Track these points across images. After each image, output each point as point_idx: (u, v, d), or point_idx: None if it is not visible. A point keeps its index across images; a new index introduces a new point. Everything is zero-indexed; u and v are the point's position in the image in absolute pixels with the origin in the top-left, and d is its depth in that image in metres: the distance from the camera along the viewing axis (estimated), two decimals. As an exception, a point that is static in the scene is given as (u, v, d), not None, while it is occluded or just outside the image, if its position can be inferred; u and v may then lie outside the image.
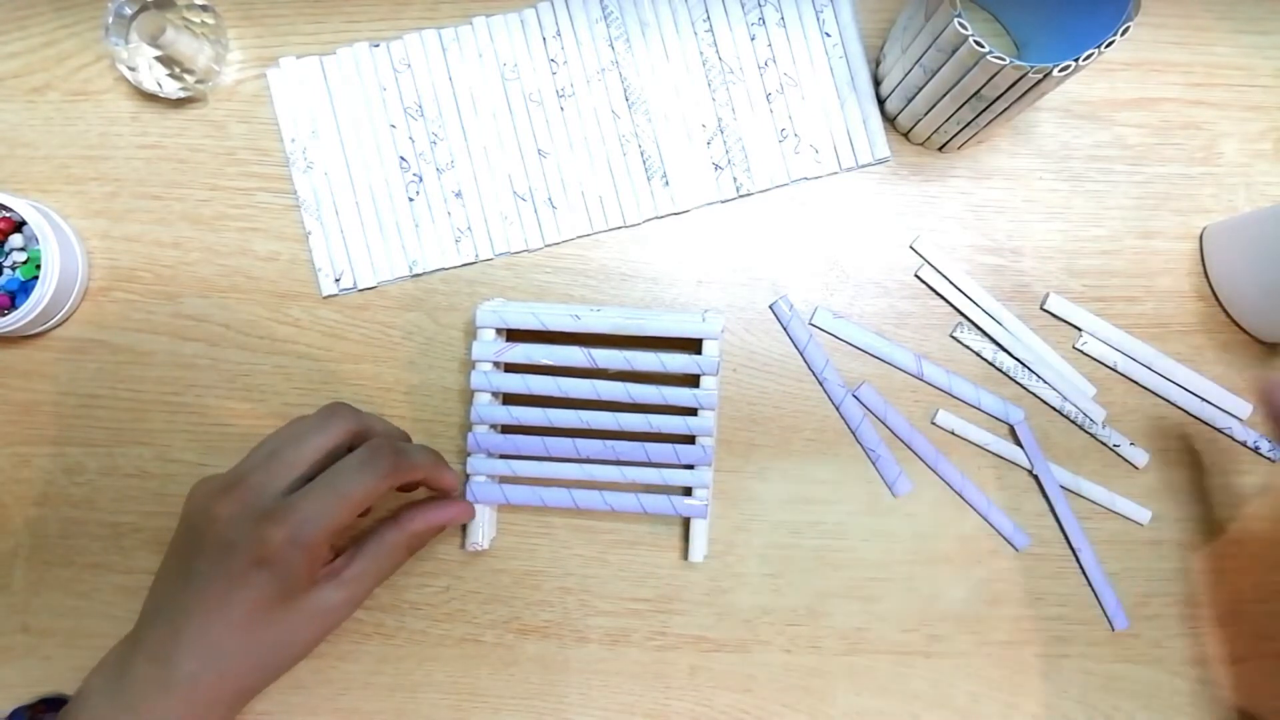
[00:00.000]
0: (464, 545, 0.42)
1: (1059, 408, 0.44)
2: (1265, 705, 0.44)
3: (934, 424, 0.44)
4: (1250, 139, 0.45)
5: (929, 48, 0.38)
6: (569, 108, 0.45)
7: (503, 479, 0.43)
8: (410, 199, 0.44)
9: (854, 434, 0.44)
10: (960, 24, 0.35)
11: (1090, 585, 0.44)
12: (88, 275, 0.44)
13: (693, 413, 0.41)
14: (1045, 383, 0.44)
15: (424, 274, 0.44)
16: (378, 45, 0.45)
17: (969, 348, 0.44)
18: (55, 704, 0.42)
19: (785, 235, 0.45)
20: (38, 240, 0.41)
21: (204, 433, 0.44)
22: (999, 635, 0.44)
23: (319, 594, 0.35)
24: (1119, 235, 0.45)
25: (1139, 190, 0.45)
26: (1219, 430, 0.45)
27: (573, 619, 0.43)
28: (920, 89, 0.40)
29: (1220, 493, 0.45)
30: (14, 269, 0.41)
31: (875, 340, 0.44)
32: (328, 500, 0.34)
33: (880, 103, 0.45)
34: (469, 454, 0.42)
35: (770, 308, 0.45)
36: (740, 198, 0.45)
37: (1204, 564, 0.44)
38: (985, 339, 0.44)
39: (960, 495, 0.44)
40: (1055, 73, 0.35)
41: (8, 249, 0.42)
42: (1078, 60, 0.34)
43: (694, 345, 0.42)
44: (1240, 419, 0.44)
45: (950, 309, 0.45)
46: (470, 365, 0.41)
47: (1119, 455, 0.44)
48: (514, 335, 0.43)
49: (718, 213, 0.45)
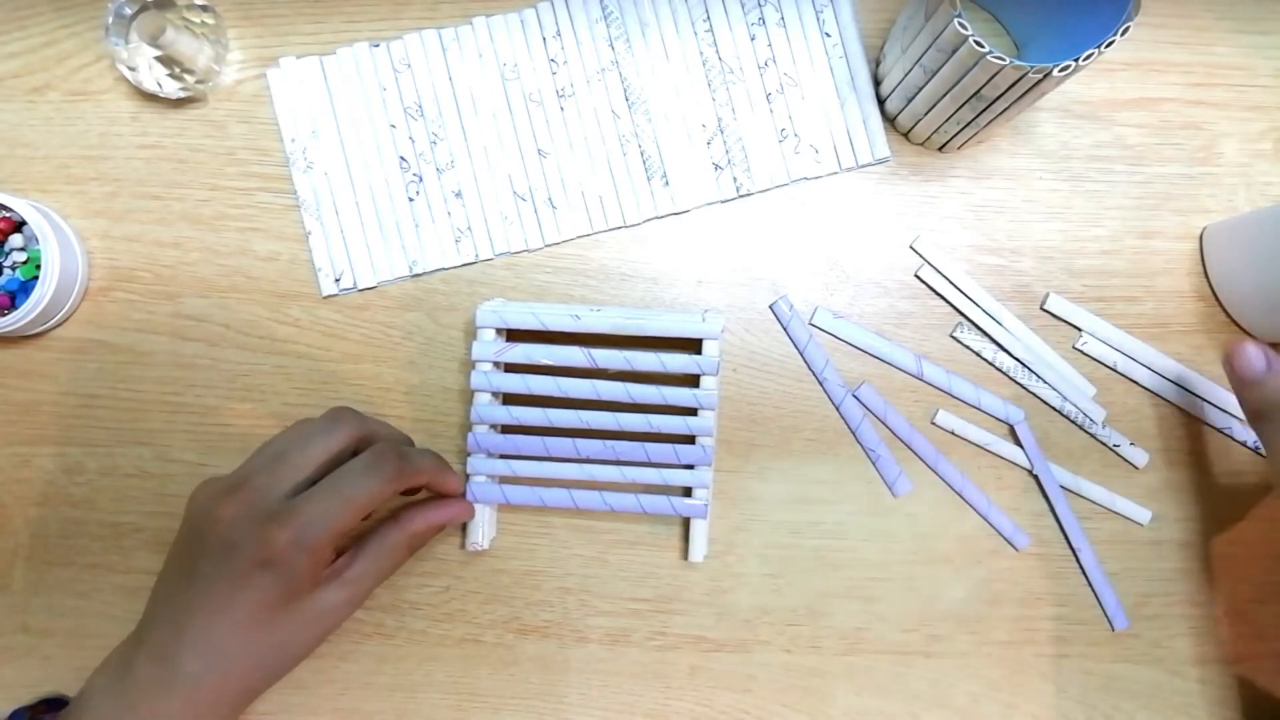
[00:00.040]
0: (464, 545, 0.42)
1: (1059, 408, 0.44)
2: (1265, 705, 0.44)
3: (934, 424, 0.44)
4: (1250, 139, 0.45)
5: (929, 48, 0.38)
6: (569, 108, 0.45)
7: (503, 479, 0.43)
8: (410, 199, 0.44)
9: (854, 434, 0.44)
10: (960, 24, 0.35)
11: (1090, 585, 0.44)
12: (88, 275, 0.44)
13: (693, 413, 0.41)
14: (1045, 383, 0.44)
15: (424, 274, 0.44)
16: (378, 45, 0.45)
17: (969, 348, 0.44)
18: (55, 704, 0.42)
19: (785, 235, 0.45)
20: (38, 240, 0.41)
21: (204, 433, 0.44)
22: (999, 635, 0.44)
23: (321, 595, 0.35)
24: (1119, 235, 0.45)
25: (1139, 190, 0.45)
26: (1219, 430, 0.45)
27: (573, 619, 0.43)
28: (920, 89, 0.40)
29: (1220, 493, 0.45)
30: (14, 269, 0.41)
31: (875, 340, 0.44)
32: (332, 504, 0.34)
33: (880, 103, 0.45)
34: (469, 454, 0.42)
35: (770, 308, 0.45)
36: (740, 198, 0.45)
37: (1204, 564, 0.44)
38: (985, 339, 0.44)
39: (960, 495, 0.44)
40: (1055, 73, 0.35)
41: (8, 249, 0.42)
42: (1078, 60, 0.34)
43: (694, 345, 0.42)
44: (1240, 419, 0.44)
45: (950, 309, 0.45)
46: (470, 365, 0.41)
47: (1119, 455, 0.44)
48: (514, 335, 0.43)
49: (718, 213, 0.45)
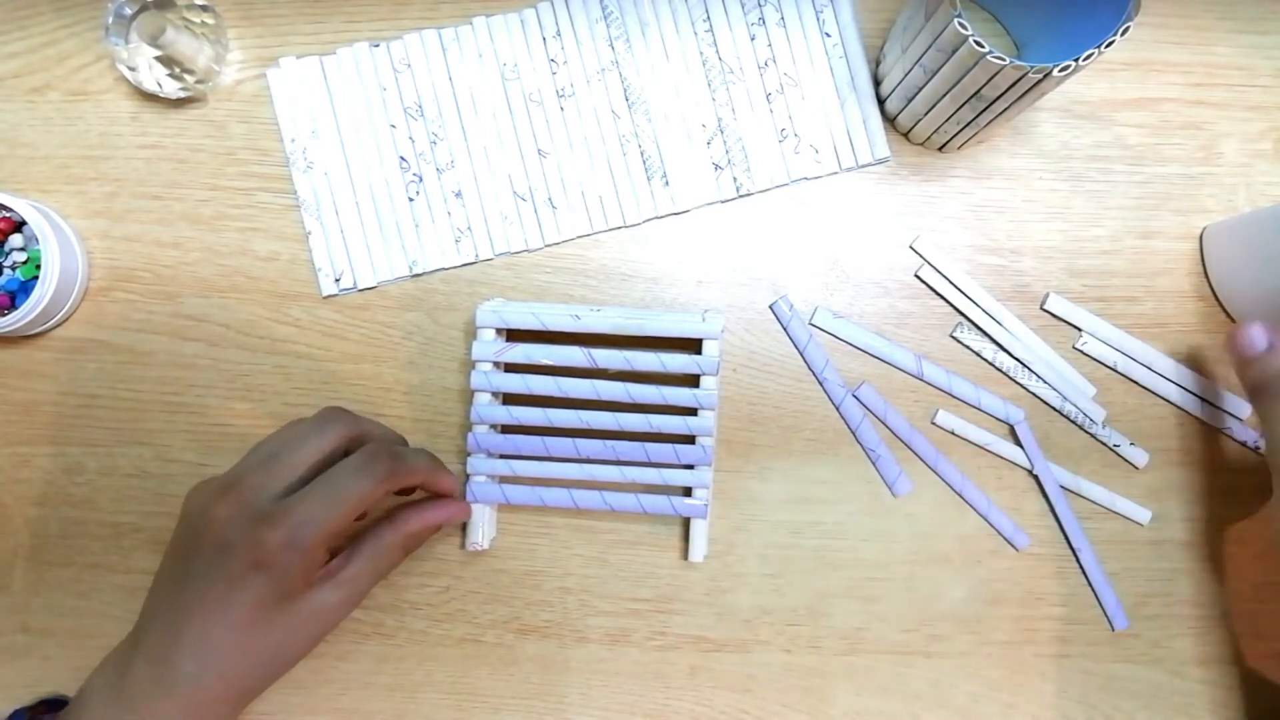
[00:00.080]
0: (464, 545, 0.42)
1: (1059, 408, 0.44)
2: (1266, 705, 0.44)
3: (934, 424, 0.44)
4: (1250, 139, 0.45)
5: (929, 48, 0.38)
6: (569, 108, 0.45)
7: (503, 479, 0.43)
8: (410, 199, 0.44)
9: (854, 434, 0.44)
10: (960, 24, 0.35)
11: (1090, 585, 0.44)
12: (88, 275, 0.44)
13: (693, 413, 0.41)
14: (1045, 383, 0.44)
15: (424, 274, 0.44)
16: (378, 45, 0.45)
17: (969, 348, 0.44)
18: (55, 705, 0.42)
19: (785, 235, 0.45)
20: (38, 240, 0.41)
21: (204, 433, 0.44)
22: (999, 635, 0.44)
23: (316, 595, 0.35)
24: (1119, 235, 0.45)
25: (1139, 190, 0.45)
26: (1219, 430, 0.45)
27: (573, 619, 0.43)
28: (920, 89, 0.40)
29: (1220, 493, 0.45)
30: (14, 269, 0.41)
31: (875, 340, 0.44)
32: (325, 504, 0.34)
33: (880, 103, 0.45)
34: (469, 454, 0.42)
35: (770, 308, 0.45)
36: (740, 198, 0.45)
37: (1204, 564, 0.44)
38: (985, 339, 0.44)
39: (960, 495, 0.44)
40: (1055, 73, 0.35)
41: (8, 249, 0.42)
42: (1078, 60, 0.34)
43: (694, 345, 0.42)
44: (1240, 419, 0.44)
45: (950, 309, 0.45)
46: (470, 365, 0.41)
47: (1119, 455, 0.44)
48: (514, 335, 0.43)
49: (718, 213, 0.45)
